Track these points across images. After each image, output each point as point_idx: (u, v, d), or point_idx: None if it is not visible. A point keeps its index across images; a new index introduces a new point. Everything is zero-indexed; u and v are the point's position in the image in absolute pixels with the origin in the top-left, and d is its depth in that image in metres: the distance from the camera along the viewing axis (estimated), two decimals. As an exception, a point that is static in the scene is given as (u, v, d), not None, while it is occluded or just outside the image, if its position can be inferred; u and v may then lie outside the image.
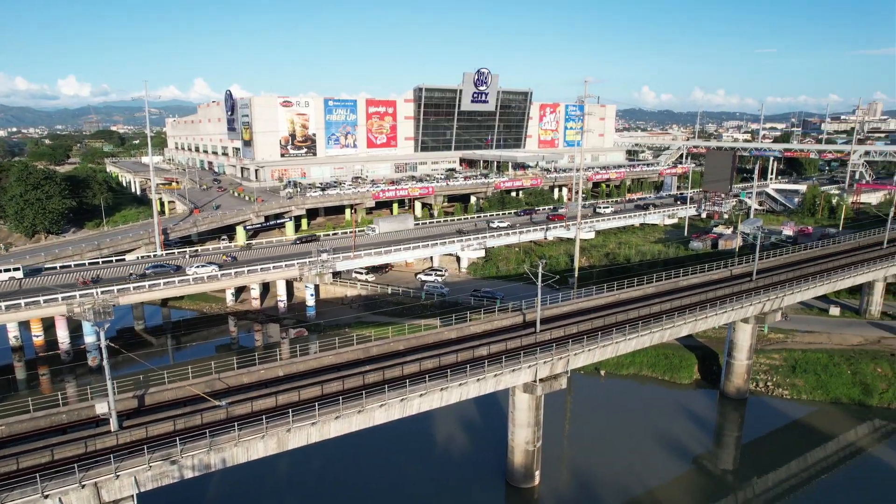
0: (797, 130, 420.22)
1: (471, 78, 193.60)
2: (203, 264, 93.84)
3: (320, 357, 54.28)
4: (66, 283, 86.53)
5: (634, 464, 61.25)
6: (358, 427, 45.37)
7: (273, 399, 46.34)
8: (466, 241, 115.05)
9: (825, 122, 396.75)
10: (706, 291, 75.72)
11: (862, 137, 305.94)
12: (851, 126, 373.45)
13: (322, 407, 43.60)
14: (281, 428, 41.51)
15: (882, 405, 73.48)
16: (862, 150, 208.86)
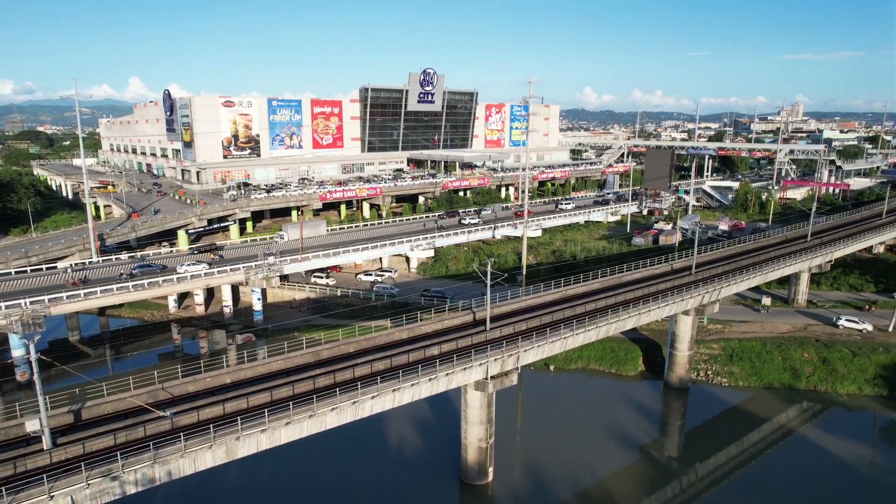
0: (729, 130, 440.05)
1: (416, 78, 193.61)
2: (193, 262, 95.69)
3: (269, 362, 53.22)
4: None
5: (584, 455, 62.82)
6: (309, 432, 44.74)
7: (221, 407, 45.12)
8: (416, 241, 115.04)
9: (754, 122, 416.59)
10: (649, 286, 78.36)
11: (787, 137, 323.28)
12: (777, 126, 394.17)
13: (272, 413, 42.78)
14: (229, 436, 40.50)
15: (809, 388, 78.02)
16: (787, 148, 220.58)
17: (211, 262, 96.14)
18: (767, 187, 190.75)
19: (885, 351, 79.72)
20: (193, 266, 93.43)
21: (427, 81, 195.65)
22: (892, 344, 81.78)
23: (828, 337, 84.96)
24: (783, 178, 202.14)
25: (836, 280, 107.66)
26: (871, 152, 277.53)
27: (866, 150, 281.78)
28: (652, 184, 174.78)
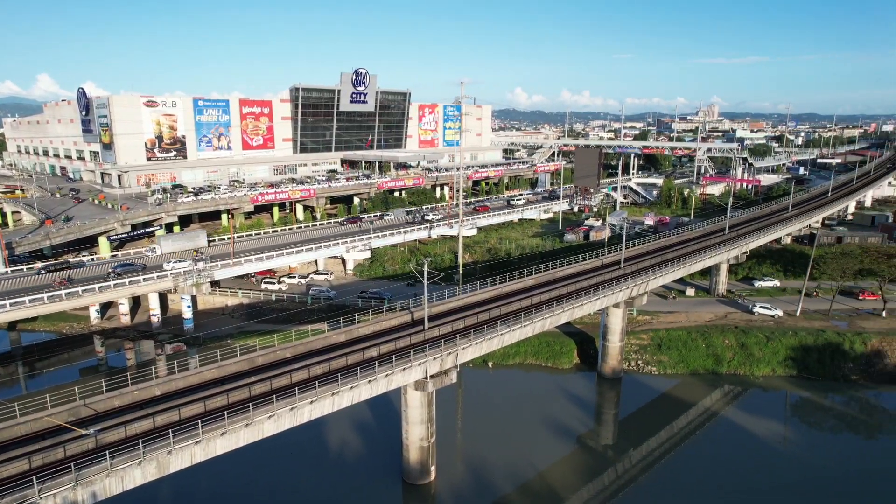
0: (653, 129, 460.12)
1: (349, 78, 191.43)
2: (179, 259, 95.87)
3: (201, 372, 51.34)
4: None
5: (524, 449, 64.22)
6: (246, 441, 43.55)
7: (150, 421, 43.18)
8: (351, 242, 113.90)
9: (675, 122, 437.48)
10: (581, 280, 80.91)
11: (705, 136, 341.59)
12: (696, 126, 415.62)
13: (206, 424, 41.36)
14: (161, 451, 38.84)
15: (730, 372, 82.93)
16: (705, 147, 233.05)
17: (196, 260, 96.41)
18: (689, 183, 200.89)
19: (794, 334, 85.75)
20: (181, 263, 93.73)
21: (359, 81, 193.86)
22: (799, 327, 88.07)
23: (745, 323, 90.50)
24: (702, 175, 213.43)
25: (752, 270, 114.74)
26: (778, 150, 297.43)
27: (773, 149, 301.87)
28: (582, 182, 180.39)
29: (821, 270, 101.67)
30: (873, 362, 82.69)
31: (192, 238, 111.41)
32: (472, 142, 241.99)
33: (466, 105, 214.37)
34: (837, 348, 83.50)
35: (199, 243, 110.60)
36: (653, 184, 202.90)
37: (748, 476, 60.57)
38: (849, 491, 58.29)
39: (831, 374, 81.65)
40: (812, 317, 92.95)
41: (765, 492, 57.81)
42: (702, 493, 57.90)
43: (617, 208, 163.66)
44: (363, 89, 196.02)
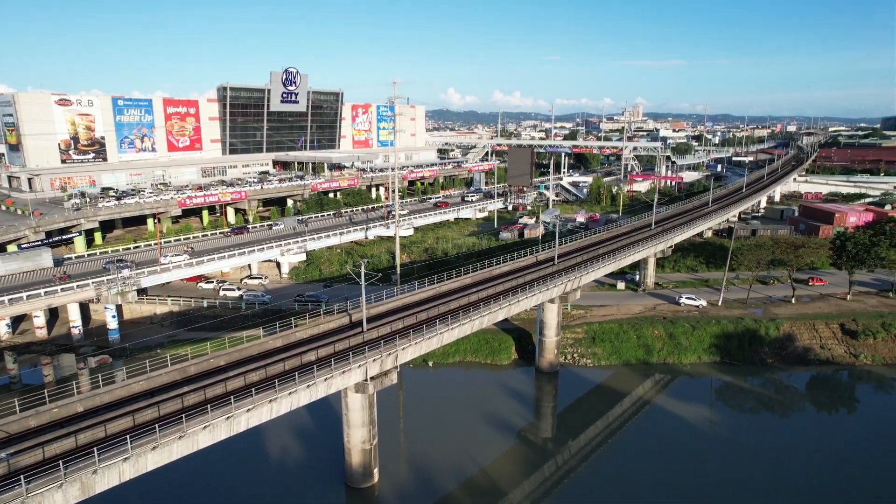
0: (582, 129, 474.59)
1: (279, 77, 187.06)
2: (176, 254, 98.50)
3: (129, 384, 48.86)
4: None
5: (466, 446, 64.85)
6: (180, 454, 41.84)
7: (73, 439, 40.70)
8: (286, 245, 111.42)
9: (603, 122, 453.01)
10: (517, 277, 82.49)
11: (630, 135, 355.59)
12: (622, 126, 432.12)
13: (135, 439, 39.43)
14: (84, 471, 36.65)
15: (660, 361, 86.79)
16: (631, 146, 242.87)
17: (191, 254, 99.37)
18: (617, 181, 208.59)
19: (717, 323, 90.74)
20: (177, 257, 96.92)
21: (290, 81, 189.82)
22: (721, 316, 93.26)
23: (672, 314, 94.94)
24: (629, 173, 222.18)
25: (677, 263, 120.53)
26: (698, 149, 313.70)
27: (694, 147, 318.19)
28: (515, 181, 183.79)
29: (738, 261, 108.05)
30: (785, 346, 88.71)
31: (30, 258, 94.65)
32: (406, 142, 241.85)
33: (400, 105, 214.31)
34: (755, 334, 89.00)
35: (42, 263, 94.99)
36: (583, 182, 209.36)
37: (679, 459, 63.64)
38: (767, 466, 62.26)
39: (750, 358, 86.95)
40: (732, 306, 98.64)
41: (694, 472, 60.91)
42: (637, 479, 60.30)
43: (550, 206, 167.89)
44: (294, 89, 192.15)
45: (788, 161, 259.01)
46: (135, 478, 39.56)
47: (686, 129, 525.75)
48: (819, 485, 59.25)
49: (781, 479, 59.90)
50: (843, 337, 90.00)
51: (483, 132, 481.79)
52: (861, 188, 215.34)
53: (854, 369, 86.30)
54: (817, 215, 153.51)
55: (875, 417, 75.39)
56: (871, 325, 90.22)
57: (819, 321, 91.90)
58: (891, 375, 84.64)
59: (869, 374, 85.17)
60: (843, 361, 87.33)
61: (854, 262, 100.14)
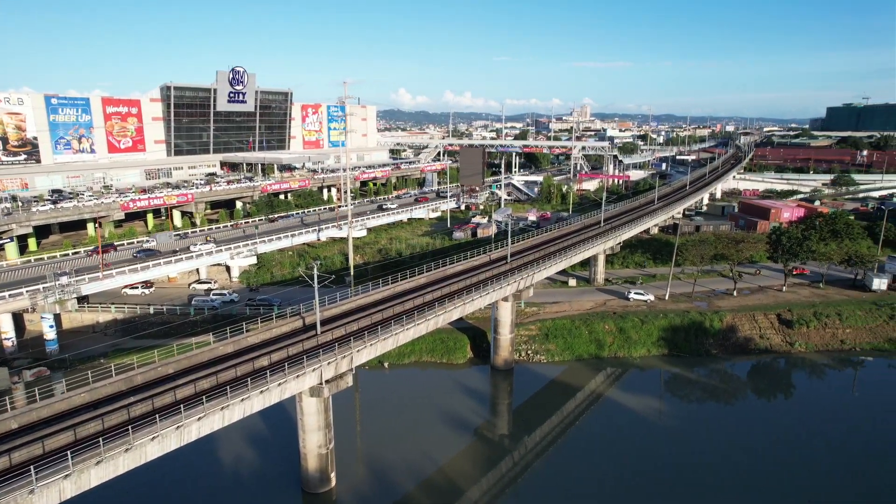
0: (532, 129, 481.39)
1: (225, 77, 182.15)
2: (203, 242, 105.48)
3: (69, 397, 46.74)
4: None
5: (424, 446, 64.91)
6: (127, 468, 40.36)
7: (6, 458, 38.65)
8: (236, 248, 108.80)
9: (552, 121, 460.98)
10: (471, 276, 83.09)
11: (579, 135, 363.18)
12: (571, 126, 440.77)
13: (77, 454, 37.79)
14: (19, 492, 34.85)
15: (611, 355, 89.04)
16: (580, 145, 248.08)
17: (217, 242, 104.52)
18: (567, 180, 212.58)
19: (664, 316, 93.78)
20: (205, 245, 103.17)
21: (237, 80, 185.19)
22: (669, 310, 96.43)
23: (622, 309, 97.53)
24: (579, 172, 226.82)
25: (626, 259, 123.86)
26: (643, 148, 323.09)
27: (639, 147, 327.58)
28: (467, 180, 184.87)
29: (684, 257, 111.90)
30: (728, 336, 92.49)
31: None
32: (358, 142, 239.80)
33: (351, 105, 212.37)
34: (700, 326, 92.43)
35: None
36: (534, 181, 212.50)
37: (631, 449, 65.47)
38: (714, 452, 64.82)
39: (696, 350, 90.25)
40: (678, 299, 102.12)
41: (645, 462, 62.79)
42: (591, 471, 61.76)
43: (502, 205, 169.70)
44: (241, 88, 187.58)
45: (728, 160, 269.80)
46: (77, 495, 37.96)
47: (632, 129, 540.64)
48: (761, 466, 62.04)
49: (727, 464, 62.46)
50: (780, 326, 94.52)
51: (435, 132, 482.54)
52: (793, 185, 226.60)
53: (790, 357, 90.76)
54: (755, 211, 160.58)
55: (808, 401, 79.53)
56: (804, 314, 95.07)
57: (758, 312, 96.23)
58: (822, 361, 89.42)
59: (803, 361, 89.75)
60: (780, 350, 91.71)
61: (788, 256, 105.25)
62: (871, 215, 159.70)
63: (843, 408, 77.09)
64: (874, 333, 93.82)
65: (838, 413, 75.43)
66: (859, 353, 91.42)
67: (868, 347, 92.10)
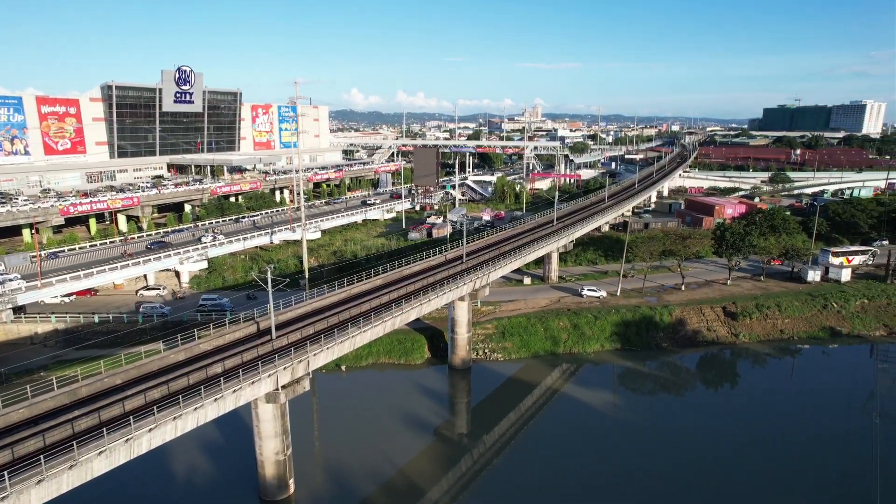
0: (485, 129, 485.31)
1: (171, 76, 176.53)
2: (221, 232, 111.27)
3: (6, 413, 44.41)
4: None
5: (383, 448, 64.66)
6: (72, 485, 38.72)
7: (-59, 479, 36.48)
8: (185, 252, 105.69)
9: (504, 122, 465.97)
10: (427, 277, 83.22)
11: (531, 135, 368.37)
12: (523, 126, 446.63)
13: (15, 474, 35.98)
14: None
15: (566, 352, 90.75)
16: (532, 145, 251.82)
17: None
18: (520, 180, 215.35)
19: (616, 312, 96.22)
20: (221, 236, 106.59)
21: (183, 80, 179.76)
22: (620, 306, 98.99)
23: (576, 306, 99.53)
24: (531, 171, 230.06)
25: (578, 257, 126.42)
26: (593, 148, 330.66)
27: (589, 146, 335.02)
28: (422, 181, 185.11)
29: (634, 253, 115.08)
30: (677, 330, 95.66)
31: None
32: (310, 143, 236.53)
33: (302, 106, 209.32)
34: (650, 321, 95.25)
35: None
36: (488, 181, 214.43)
37: (587, 443, 66.98)
38: (665, 442, 66.98)
39: (647, 343, 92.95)
40: (629, 295, 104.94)
41: (600, 454, 64.36)
42: (548, 465, 62.80)
43: (456, 205, 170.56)
44: (188, 88, 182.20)
45: (674, 158, 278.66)
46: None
47: (582, 129, 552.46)
48: (710, 454, 64.46)
49: (679, 452, 64.64)
50: (726, 319, 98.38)
51: (388, 133, 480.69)
52: (735, 182, 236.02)
53: (735, 347, 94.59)
54: (700, 208, 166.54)
55: (753, 389, 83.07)
56: (747, 306, 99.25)
57: (705, 305, 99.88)
58: (764, 351, 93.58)
59: (747, 351, 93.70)
60: (726, 341, 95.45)
61: (732, 250, 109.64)
62: (804, 211, 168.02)
63: (782, 393, 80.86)
64: (810, 322, 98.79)
65: (778, 398, 79.09)
66: (797, 342, 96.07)
67: (804, 336, 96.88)
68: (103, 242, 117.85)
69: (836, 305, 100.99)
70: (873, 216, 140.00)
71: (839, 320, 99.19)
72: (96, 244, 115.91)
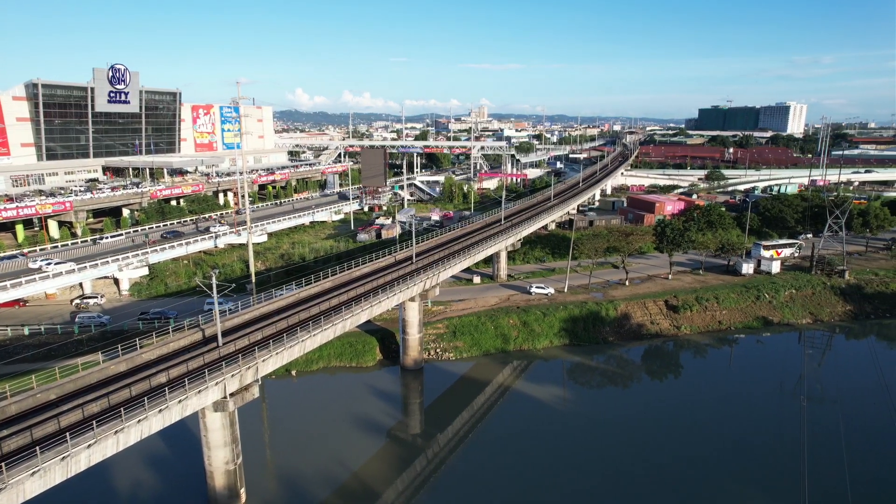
0: (432, 129, 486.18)
1: (104, 74, 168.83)
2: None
3: (-71, 435, 41.68)
4: None
5: (336, 452, 64.05)
6: (3, 508, 36.70)
7: None
8: (125, 259, 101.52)
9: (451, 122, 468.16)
10: (378, 278, 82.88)
11: (478, 135, 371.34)
12: (469, 126, 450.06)
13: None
14: None
15: (516, 348, 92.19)
16: (479, 145, 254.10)
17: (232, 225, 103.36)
18: (467, 179, 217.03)
19: (564, 308, 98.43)
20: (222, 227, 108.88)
21: (118, 79, 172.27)
22: (568, 302, 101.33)
23: (525, 303, 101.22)
24: (479, 171, 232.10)
25: (526, 255, 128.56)
26: (539, 147, 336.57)
27: (535, 146, 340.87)
28: (369, 181, 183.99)
29: (580, 250, 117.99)
30: (623, 324, 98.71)
31: None
32: (254, 144, 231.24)
33: (245, 106, 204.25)
34: (597, 316, 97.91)
35: None
36: (436, 181, 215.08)
37: (538, 437, 68.28)
38: (614, 433, 69.09)
39: (594, 338, 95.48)
40: (576, 291, 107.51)
41: (551, 447, 65.73)
42: (500, 461, 63.70)
43: (405, 206, 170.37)
44: (123, 88, 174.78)
45: (616, 157, 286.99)
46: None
47: (527, 129, 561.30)
48: (654, 440, 66.87)
49: (625, 441, 66.77)
50: (668, 312, 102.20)
51: (334, 133, 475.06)
52: (674, 180, 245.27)
53: (677, 339, 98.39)
54: (642, 205, 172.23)
55: (694, 378, 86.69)
56: (688, 299, 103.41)
57: (648, 299, 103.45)
58: (704, 342, 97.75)
59: (688, 342, 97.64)
60: (668, 333, 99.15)
61: (672, 246, 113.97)
62: (738, 207, 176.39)
63: (721, 380, 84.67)
64: (745, 313, 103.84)
65: (717, 385, 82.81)
66: (734, 332, 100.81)
67: (740, 326, 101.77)
68: (32, 250, 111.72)
69: (767, 296, 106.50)
70: (798, 211, 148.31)
71: (771, 310, 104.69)
72: (25, 251, 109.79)
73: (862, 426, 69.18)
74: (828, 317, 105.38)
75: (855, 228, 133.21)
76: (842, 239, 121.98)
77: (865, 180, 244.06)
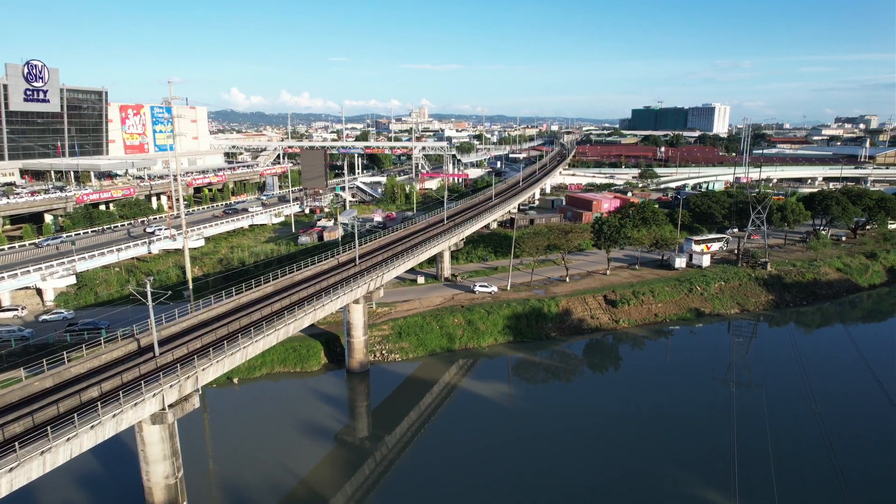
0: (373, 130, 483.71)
1: (18, 71, 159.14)
2: None
3: None
4: None
5: (282, 459, 62.86)
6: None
7: None
8: (48, 268, 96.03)
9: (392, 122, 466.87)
10: (321, 281, 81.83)
11: (419, 136, 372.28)
12: (410, 126, 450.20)
13: None
14: None
15: (462, 347, 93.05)
16: (420, 146, 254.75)
17: None
18: (409, 180, 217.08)
19: (508, 306, 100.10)
20: None
21: (34, 76, 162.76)
22: (511, 300, 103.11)
23: (469, 302, 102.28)
24: (420, 172, 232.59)
25: (469, 254, 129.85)
26: (479, 147, 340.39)
27: (475, 146, 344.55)
28: (310, 183, 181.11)
29: (521, 249, 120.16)
30: (564, 319, 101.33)
31: None
32: (188, 146, 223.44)
33: (178, 106, 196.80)
34: (539, 312, 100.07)
35: None
36: (378, 182, 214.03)
37: (485, 433, 69.18)
38: (559, 425, 70.92)
39: (537, 334, 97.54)
40: (519, 289, 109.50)
41: (498, 443, 66.80)
42: (449, 460, 64.24)
43: (347, 207, 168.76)
44: (42, 85, 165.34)
45: (554, 157, 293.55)
46: None
47: (468, 129, 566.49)
48: (596, 429, 69.11)
49: (569, 432, 68.67)
50: (607, 306, 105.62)
51: (273, 134, 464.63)
52: (609, 179, 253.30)
53: (616, 333, 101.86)
54: (580, 203, 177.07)
55: (633, 369, 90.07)
56: (625, 294, 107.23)
57: (588, 295, 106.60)
58: (642, 334, 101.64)
59: (627, 335, 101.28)
60: (608, 327, 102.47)
61: (609, 242, 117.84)
62: (670, 204, 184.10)
63: (658, 370, 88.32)
64: (679, 305, 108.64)
65: (654, 375, 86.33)
66: (669, 324, 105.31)
67: (675, 318, 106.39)
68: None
69: (699, 289, 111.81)
70: (725, 207, 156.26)
71: (702, 302, 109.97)
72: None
73: (783, 407, 73.92)
74: (753, 306, 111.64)
75: (775, 223, 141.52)
76: (763, 233, 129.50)
77: (783, 177, 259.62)
